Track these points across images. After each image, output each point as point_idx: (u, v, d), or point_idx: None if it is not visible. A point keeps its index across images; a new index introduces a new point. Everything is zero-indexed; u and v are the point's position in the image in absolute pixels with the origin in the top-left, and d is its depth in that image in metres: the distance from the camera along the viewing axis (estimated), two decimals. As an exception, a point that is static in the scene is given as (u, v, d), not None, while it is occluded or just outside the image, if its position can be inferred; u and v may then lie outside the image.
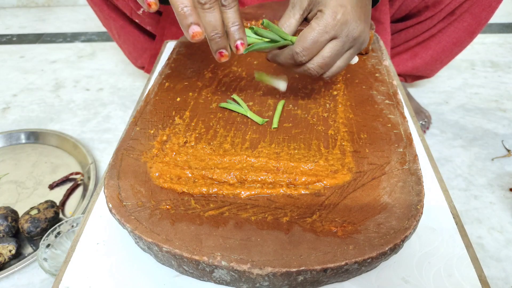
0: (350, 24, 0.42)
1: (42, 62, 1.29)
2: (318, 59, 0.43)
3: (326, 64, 0.43)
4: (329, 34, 0.41)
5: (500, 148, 0.86)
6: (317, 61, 0.43)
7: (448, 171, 0.80)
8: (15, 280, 0.62)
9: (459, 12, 0.82)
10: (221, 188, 0.37)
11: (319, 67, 0.43)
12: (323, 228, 0.33)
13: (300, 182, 0.37)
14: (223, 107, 0.48)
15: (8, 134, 0.89)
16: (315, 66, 0.43)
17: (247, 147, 0.42)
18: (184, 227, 0.33)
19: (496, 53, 1.25)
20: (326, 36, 0.41)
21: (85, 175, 0.79)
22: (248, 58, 0.60)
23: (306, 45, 0.41)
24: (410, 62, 0.93)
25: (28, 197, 0.75)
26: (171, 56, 0.60)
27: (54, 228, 0.60)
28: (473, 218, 0.70)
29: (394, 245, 0.31)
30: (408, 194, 0.36)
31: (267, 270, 0.30)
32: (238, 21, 0.39)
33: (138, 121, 0.46)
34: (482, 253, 0.64)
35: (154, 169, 0.39)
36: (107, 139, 0.93)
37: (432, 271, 0.34)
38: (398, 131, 0.43)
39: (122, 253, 0.37)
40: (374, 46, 0.62)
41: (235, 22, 0.39)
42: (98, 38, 1.45)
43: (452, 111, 0.98)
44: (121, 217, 0.34)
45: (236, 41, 0.39)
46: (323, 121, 0.46)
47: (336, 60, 0.44)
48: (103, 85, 1.15)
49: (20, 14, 1.69)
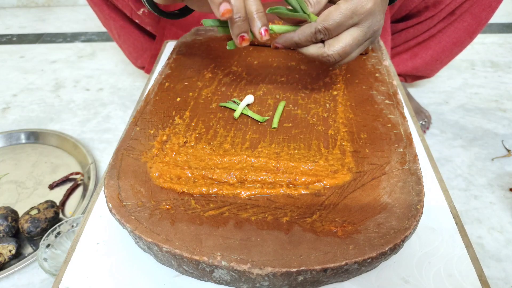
0: (375, 16, 0.42)
1: (42, 62, 1.29)
2: (339, 46, 0.42)
3: (345, 53, 0.43)
4: (353, 20, 0.41)
5: (500, 148, 0.86)
6: (338, 49, 0.42)
7: (448, 171, 0.80)
8: (15, 280, 0.62)
9: (459, 12, 0.82)
10: (221, 188, 0.37)
11: (339, 54, 0.42)
12: (323, 228, 0.33)
13: (300, 182, 0.37)
14: (223, 106, 0.48)
15: (8, 134, 0.89)
16: (335, 53, 0.42)
17: (247, 147, 0.42)
18: (184, 227, 0.33)
19: (496, 53, 1.25)
20: (350, 21, 0.41)
21: (85, 175, 0.79)
22: (248, 58, 0.60)
23: (330, 25, 0.41)
24: (410, 62, 0.93)
25: (28, 197, 0.75)
26: (171, 56, 0.60)
27: (54, 228, 0.60)
28: (473, 218, 0.70)
29: (394, 245, 0.31)
30: (408, 194, 0.36)
31: (267, 270, 0.30)
32: (262, 9, 0.40)
33: (138, 121, 0.46)
34: (482, 253, 0.64)
35: (154, 169, 0.39)
36: (107, 139, 0.93)
37: (432, 271, 0.34)
38: (398, 131, 0.43)
39: (122, 253, 0.37)
40: (374, 46, 0.62)
41: (259, 10, 0.40)
42: (98, 38, 1.45)
43: (452, 111, 0.98)
44: (121, 217, 0.34)
45: (260, 28, 0.40)
46: (323, 121, 0.46)
47: (355, 50, 0.44)
48: (103, 85, 1.15)
49: (20, 14, 1.69)
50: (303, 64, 0.58)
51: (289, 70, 0.56)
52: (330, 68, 0.56)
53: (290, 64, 0.58)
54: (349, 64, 0.57)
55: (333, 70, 0.56)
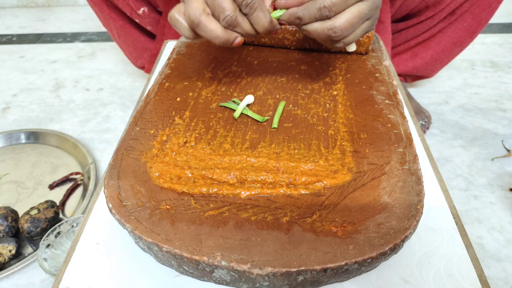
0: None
1: (42, 62, 1.29)
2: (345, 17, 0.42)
3: (352, 25, 0.42)
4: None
5: (500, 148, 0.86)
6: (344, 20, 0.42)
7: (448, 171, 0.80)
8: (15, 280, 0.62)
9: (459, 12, 0.82)
10: (221, 188, 0.37)
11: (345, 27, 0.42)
12: (323, 228, 0.33)
13: (300, 182, 0.37)
14: (223, 106, 0.48)
15: (8, 134, 0.89)
16: (342, 25, 0.42)
17: (247, 147, 0.42)
18: (184, 227, 0.33)
19: (496, 53, 1.25)
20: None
21: (85, 175, 0.79)
22: (248, 58, 0.60)
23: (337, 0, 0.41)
24: (410, 62, 0.93)
25: (28, 197, 0.75)
26: (171, 56, 0.60)
27: (54, 228, 0.60)
28: (473, 218, 0.70)
29: (394, 245, 0.31)
30: (408, 194, 0.36)
31: (267, 270, 0.30)
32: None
33: (138, 121, 0.46)
34: (482, 253, 0.64)
35: (154, 169, 0.39)
36: (107, 139, 0.93)
37: (432, 271, 0.34)
38: (398, 131, 0.43)
39: (122, 253, 0.37)
40: (374, 46, 0.62)
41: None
42: (98, 38, 1.45)
43: (452, 111, 0.98)
44: (121, 217, 0.34)
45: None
46: (323, 121, 0.46)
47: (360, 24, 0.43)
48: (103, 85, 1.15)
49: (20, 14, 1.69)
50: (303, 64, 0.58)
51: (289, 70, 0.56)
52: (330, 68, 0.56)
53: (290, 64, 0.58)
54: (349, 64, 0.57)
55: (333, 70, 0.56)
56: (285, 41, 0.61)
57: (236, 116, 0.46)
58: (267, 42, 0.62)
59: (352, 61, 0.58)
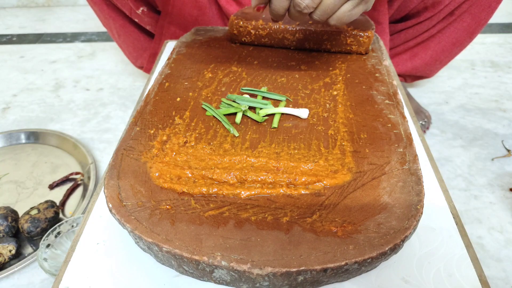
0: None
1: (42, 62, 1.29)
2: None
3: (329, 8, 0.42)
4: None
5: (500, 148, 0.86)
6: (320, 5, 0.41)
7: (448, 171, 0.81)
8: (15, 280, 0.62)
9: (458, 12, 0.82)
10: (221, 188, 0.37)
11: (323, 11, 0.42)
12: (323, 228, 0.33)
13: (300, 182, 0.37)
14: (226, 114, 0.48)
15: (8, 134, 0.89)
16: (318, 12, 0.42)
17: (247, 147, 0.42)
18: (184, 227, 0.33)
19: (496, 53, 1.25)
20: None
21: (85, 175, 0.79)
22: (248, 58, 0.60)
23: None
24: (410, 63, 0.93)
25: (28, 197, 0.75)
26: (171, 56, 0.60)
27: (54, 228, 0.60)
28: (473, 218, 0.70)
29: (394, 245, 0.31)
30: (408, 194, 0.36)
31: (267, 270, 0.30)
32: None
33: (138, 121, 0.46)
34: (482, 253, 0.64)
35: (154, 169, 0.39)
36: (107, 139, 0.93)
37: (432, 271, 0.34)
38: (398, 131, 0.43)
39: (122, 253, 0.37)
40: (374, 46, 0.62)
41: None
42: (98, 38, 1.45)
43: (452, 111, 0.98)
44: (121, 217, 0.34)
45: None
46: (323, 121, 0.46)
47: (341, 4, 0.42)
48: (103, 85, 1.15)
49: (20, 14, 1.69)
50: (303, 64, 0.58)
51: (289, 70, 0.56)
52: (330, 68, 0.56)
53: (290, 64, 0.58)
54: (349, 64, 0.57)
55: (333, 70, 0.56)
56: (285, 41, 0.61)
57: (238, 121, 0.46)
58: (267, 42, 0.62)
59: (352, 61, 0.58)
